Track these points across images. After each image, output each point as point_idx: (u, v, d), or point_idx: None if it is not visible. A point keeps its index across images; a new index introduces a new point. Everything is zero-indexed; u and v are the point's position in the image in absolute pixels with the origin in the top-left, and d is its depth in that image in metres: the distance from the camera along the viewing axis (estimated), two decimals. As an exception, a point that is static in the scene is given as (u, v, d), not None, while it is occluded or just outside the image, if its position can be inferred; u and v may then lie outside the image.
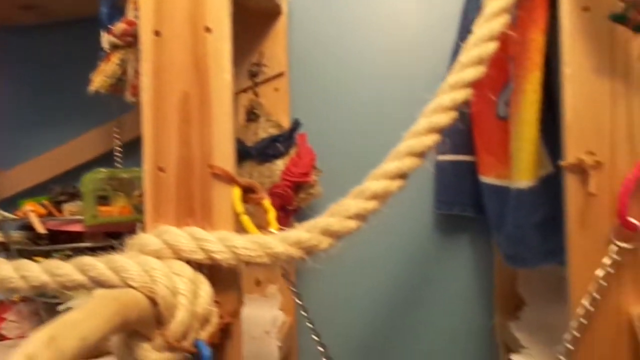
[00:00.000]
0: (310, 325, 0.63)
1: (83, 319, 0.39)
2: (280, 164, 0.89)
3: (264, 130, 0.92)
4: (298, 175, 0.86)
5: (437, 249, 0.95)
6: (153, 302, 0.50)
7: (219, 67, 0.57)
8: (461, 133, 0.89)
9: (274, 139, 0.89)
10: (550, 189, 0.66)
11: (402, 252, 0.96)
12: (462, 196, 0.90)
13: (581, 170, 0.55)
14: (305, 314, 0.63)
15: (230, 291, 0.57)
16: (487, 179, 0.82)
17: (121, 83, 0.69)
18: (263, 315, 0.93)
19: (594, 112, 0.55)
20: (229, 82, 0.57)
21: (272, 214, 0.61)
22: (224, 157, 0.58)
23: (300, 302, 0.64)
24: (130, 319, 0.47)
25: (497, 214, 0.79)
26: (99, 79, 0.69)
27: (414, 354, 0.95)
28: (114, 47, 0.68)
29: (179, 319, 0.50)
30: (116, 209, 0.72)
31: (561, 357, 0.54)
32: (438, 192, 0.93)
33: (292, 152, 0.90)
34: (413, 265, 0.96)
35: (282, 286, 0.95)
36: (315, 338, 0.63)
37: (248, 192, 0.59)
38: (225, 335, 0.57)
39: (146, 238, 0.55)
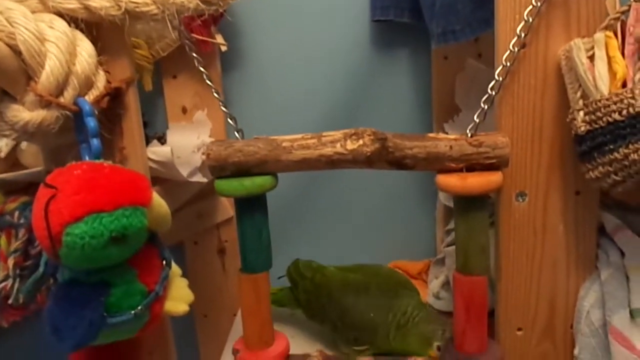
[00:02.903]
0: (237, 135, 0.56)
1: None
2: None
3: None
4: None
5: (375, 61, 0.89)
6: (16, 52, 0.43)
7: None
8: None
9: None
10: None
11: (338, 65, 0.89)
12: None
13: None
14: (232, 122, 0.57)
15: (117, 55, 0.50)
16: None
17: None
18: (191, 141, 0.88)
19: None
20: None
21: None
22: None
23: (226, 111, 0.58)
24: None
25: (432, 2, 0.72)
26: None
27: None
28: None
29: (49, 68, 0.44)
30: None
31: (482, 104, 0.50)
32: (372, -3, 0.85)
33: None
34: (350, 79, 0.90)
35: (211, 112, 0.89)
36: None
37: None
38: (118, 104, 0.51)
39: (6, -11, 0.46)
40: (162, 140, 0.89)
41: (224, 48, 0.81)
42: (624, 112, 0.42)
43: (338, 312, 0.68)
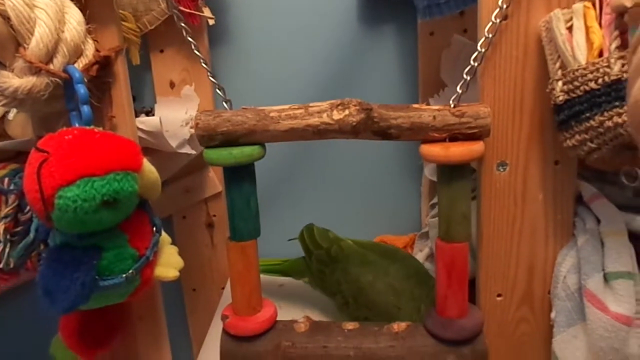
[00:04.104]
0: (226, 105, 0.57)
1: None
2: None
3: None
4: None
5: (361, 36, 0.90)
6: (4, 18, 0.43)
7: None
8: None
9: None
10: None
11: (325, 39, 0.90)
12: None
13: None
14: (220, 93, 0.57)
15: (106, 23, 0.51)
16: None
17: None
18: (179, 115, 0.88)
19: None
20: None
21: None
22: None
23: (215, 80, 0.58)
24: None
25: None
26: None
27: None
28: None
29: (39, 35, 0.44)
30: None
31: (465, 75, 0.51)
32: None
33: None
34: (337, 53, 0.90)
35: (199, 87, 0.89)
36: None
37: None
38: (107, 73, 0.51)
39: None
40: (150, 114, 0.90)
41: (211, 22, 0.81)
42: (600, 80, 0.44)
43: (353, 290, 0.67)
